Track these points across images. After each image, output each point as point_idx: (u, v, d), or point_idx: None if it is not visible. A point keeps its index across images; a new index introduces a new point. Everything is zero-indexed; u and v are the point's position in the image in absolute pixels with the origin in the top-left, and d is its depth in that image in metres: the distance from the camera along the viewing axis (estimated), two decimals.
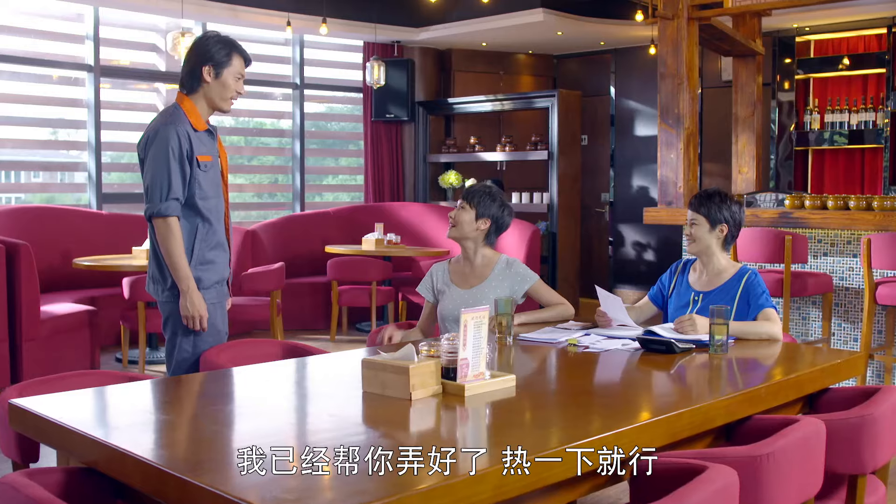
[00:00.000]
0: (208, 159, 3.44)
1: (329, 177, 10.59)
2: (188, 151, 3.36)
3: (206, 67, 3.42)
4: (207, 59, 3.43)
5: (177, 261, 3.35)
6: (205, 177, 3.42)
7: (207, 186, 3.44)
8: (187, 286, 3.35)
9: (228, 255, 3.58)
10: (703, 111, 9.43)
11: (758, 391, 2.58)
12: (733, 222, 3.56)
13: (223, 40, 3.48)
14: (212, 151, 3.48)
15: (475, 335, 2.49)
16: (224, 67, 3.43)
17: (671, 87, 6.26)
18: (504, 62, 10.55)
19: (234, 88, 3.46)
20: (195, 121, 3.43)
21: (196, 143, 3.40)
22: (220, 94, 3.45)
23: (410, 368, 2.39)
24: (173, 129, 3.35)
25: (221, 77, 3.43)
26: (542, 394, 2.61)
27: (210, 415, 2.37)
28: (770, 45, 8.72)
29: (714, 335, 3.05)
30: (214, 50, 3.43)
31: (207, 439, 2.14)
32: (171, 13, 7.96)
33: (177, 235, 3.34)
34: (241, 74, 3.49)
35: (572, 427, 2.27)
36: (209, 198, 3.45)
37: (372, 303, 7.88)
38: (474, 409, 2.40)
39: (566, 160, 9.12)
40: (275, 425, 2.26)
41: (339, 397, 2.53)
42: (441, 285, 3.80)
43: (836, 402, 2.94)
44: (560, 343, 3.25)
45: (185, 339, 3.44)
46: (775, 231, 5.53)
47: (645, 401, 2.51)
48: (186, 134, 3.36)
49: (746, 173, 7.66)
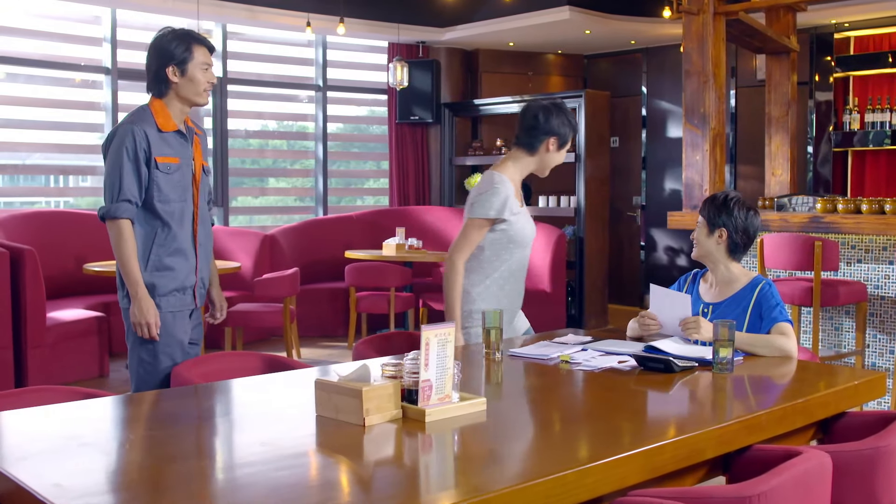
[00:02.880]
0: (173, 161, 3.29)
1: (353, 180, 10.40)
2: (146, 152, 3.21)
3: (169, 68, 3.28)
4: (168, 58, 3.28)
5: (126, 264, 3.20)
6: (166, 179, 3.27)
7: (169, 189, 3.28)
8: (136, 291, 3.20)
9: (193, 263, 3.39)
10: (738, 111, 9.09)
11: (757, 419, 2.31)
12: (733, 228, 3.27)
13: (179, 35, 3.33)
14: (180, 154, 3.32)
15: (439, 354, 2.25)
16: (188, 63, 3.28)
17: (696, 86, 5.96)
18: (532, 62, 10.28)
19: (204, 80, 3.31)
20: (163, 121, 3.28)
21: (157, 144, 3.25)
22: (192, 89, 3.30)
23: (364, 391, 2.17)
24: (131, 128, 3.21)
25: (188, 73, 3.28)
26: (515, 420, 2.36)
27: (137, 441, 2.16)
28: (807, 42, 8.35)
29: (718, 352, 2.78)
30: (173, 47, 3.28)
31: (114, 471, 1.93)
32: (187, 14, 7.83)
33: (127, 238, 3.20)
34: (207, 64, 3.33)
35: (535, 461, 2.03)
36: (171, 201, 3.29)
37: (390, 309, 7.67)
38: (435, 436, 2.16)
39: (594, 162, 8.83)
40: (191, 460, 2.04)
41: (290, 421, 2.31)
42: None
43: (852, 428, 2.66)
44: (552, 360, 3.00)
45: (144, 350, 3.28)
46: (804, 237, 5.21)
47: (628, 429, 2.25)
48: (145, 134, 3.22)
49: (780, 176, 7.32)
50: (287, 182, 9.81)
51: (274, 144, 9.64)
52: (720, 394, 2.62)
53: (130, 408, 2.49)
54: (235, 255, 7.88)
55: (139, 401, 2.55)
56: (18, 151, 7.83)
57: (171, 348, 3.29)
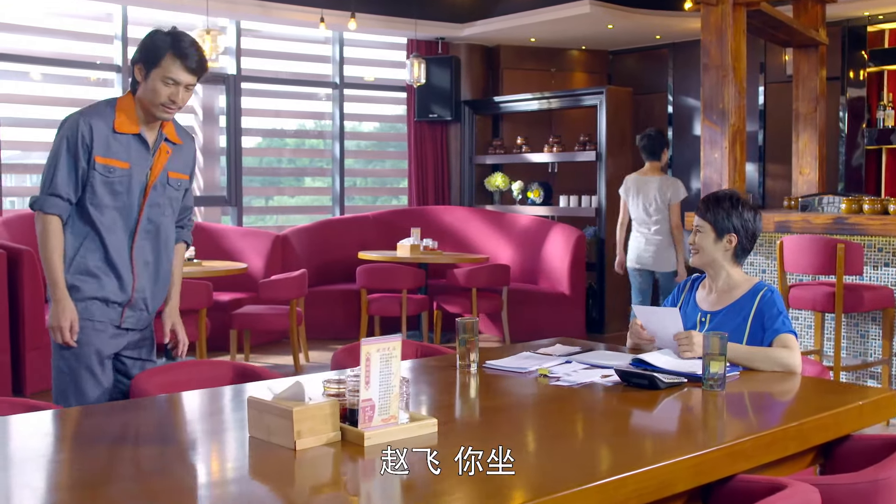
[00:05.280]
0: (120, 165, 2.98)
1: (371, 179, 10.22)
2: (87, 148, 2.93)
3: (137, 65, 2.99)
4: (139, 55, 2.99)
5: (46, 262, 2.94)
6: (104, 183, 2.97)
7: (105, 194, 2.98)
8: (53, 292, 2.93)
9: (128, 280, 3.03)
10: (767, 108, 8.75)
11: (741, 446, 2.06)
12: (745, 232, 3.01)
13: (166, 36, 2.97)
14: (132, 159, 3.00)
15: (382, 371, 2.03)
16: (152, 68, 2.94)
17: (715, 80, 5.67)
18: (556, 59, 10.01)
19: (164, 95, 2.94)
20: (122, 121, 2.99)
21: (103, 143, 2.95)
22: (150, 98, 2.96)
23: (295, 412, 1.95)
24: (80, 120, 2.95)
25: (150, 79, 2.95)
26: (468, 444, 2.12)
27: (42, 463, 1.96)
28: (838, 35, 8.00)
29: (708, 367, 2.52)
30: (151, 45, 2.96)
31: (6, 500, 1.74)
32: (196, 10, 7.68)
33: (50, 235, 2.93)
34: (173, 80, 2.93)
35: (477, 494, 1.79)
36: (104, 207, 2.98)
37: (402, 312, 7.46)
38: (374, 462, 1.94)
39: (616, 161, 8.55)
40: (98, 487, 1.84)
41: (220, 443, 2.10)
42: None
43: (855, 454, 2.40)
44: (530, 373, 2.76)
45: (61, 358, 2.99)
46: (825, 238, 4.91)
47: (591, 457, 2.00)
48: (90, 129, 2.93)
49: (808, 174, 7.02)
50: (303, 181, 9.65)
51: (290, 143, 9.47)
52: (706, 415, 2.37)
53: (51, 425, 2.29)
54: (246, 256, 7.72)
55: (64, 417, 2.35)
56: (27, 150, 7.74)
57: (87, 359, 2.98)
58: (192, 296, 5.91)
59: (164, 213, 3.12)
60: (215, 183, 8.60)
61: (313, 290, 7.99)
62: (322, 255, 8.41)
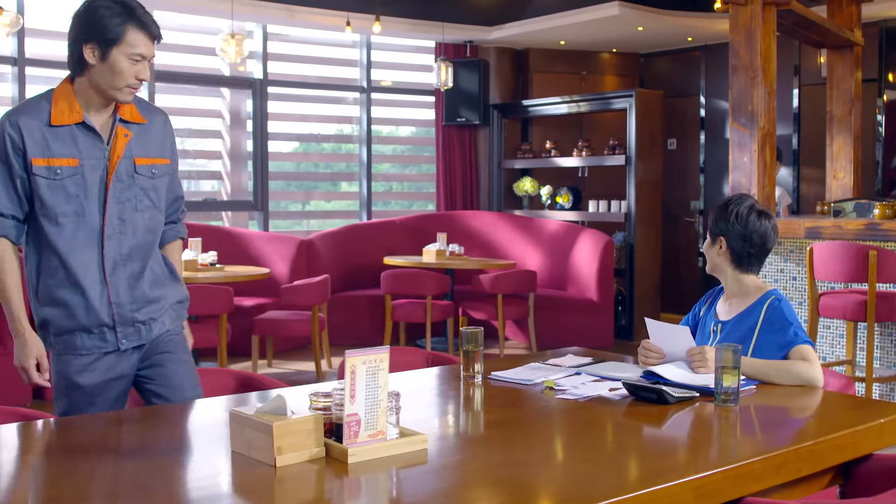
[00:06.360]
0: (66, 163, 2.53)
1: (398, 184, 10.15)
2: (19, 151, 2.51)
3: (88, 45, 2.50)
4: (91, 32, 2.50)
5: (2, 294, 2.55)
6: (52, 187, 2.53)
7: (55, 201, 2.53)
8: (13, 328, 2.55)
9: (101, 295, 2.59)
10: (801, 111, 8.54)
11: (750, 467, 1.94)
12: (732, 235, 2.87)
13: (116, 5, 2.52)
14: (80, 153, 2.55)
15: (369, 384, 1.94)
16: (113, 45, 2.49)
17: (744, 82, 5.53)
18: (586, 62, 9.88)
19: (129, 74, 2.52)
20: (60, 111, 2.53)
21: (38, 143, 2.51)
22: (110, 81, 2.52)
23: (275, 426, 1.87)
24: (5, 121, 2.53)
25: (109, 58, 2.50)
26: (459, 462, 2.02)
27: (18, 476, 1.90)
28: (875, 36, 7.79)
29: (721, 381, 2.40)
30: (102, 19, 2.49)
31: None
32: (222, 14, 7.66)
33: (4, 261, 2.54)
34: (140, 55, 2.53)
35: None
36: (60, 217, 2.54)
37: (427, 318, 7.37)
38: (357, 480, 1.85)
39: (645, 165, 8.40)
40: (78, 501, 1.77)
41: (203, 457, 2.02)
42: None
43: (877, 475, 2.26)
44: (536, 385, 2.66)
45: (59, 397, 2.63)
46: (857, 245, 4.74)
47: (586, 480, 1.88)
48: (18, 128, 2.50)
49: (842, 179, 6.82)
50: (330, 186, 9.60)
51: (316, 148, 9.42)
52: (715, 432, 2.25)
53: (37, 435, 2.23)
54: (272, 261, 7.68)
55: (50, 428, 2.29)
56: None
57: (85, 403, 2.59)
58: (213, 301, 5.88)
59: (137, 209, 2.65)
60: (242, 188, 8.57)
61: (338, 295, 7.94)
62: (348, 261, 8.36)
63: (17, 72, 7.18)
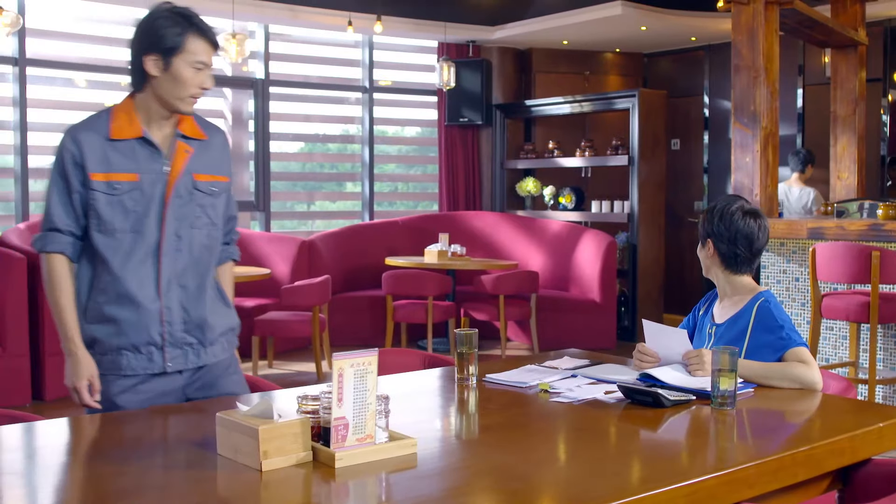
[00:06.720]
0: (126, 179, 2.52)
1: (401, 184, 10.12)
2: (78, 166, 2.51)
3: (150, 56, 2.50)
4: (151, 44, 2.49)
5: (55, 311, 2.53)
6: (108, 203, 2.51)
7: (114, 216, 2.51)
8: (66, 347, 2.52)
9: (153, 318, 2.54)
10: (806, 111, 8.50)
11: (744, 472, 1.90)
12: (719, 237, 2.83)
13: (176, 14, 2.52)
14: (141, 168, 2.54)
15: (357, 387, 1.91)
16: (175, 54, 2.49)
17: (746, 81, 5.48)
18: (589, 62, 9.84)
19: (193, 84, 2.52)
20: (120, 126, 2.54)
21: (98, 157, 2.51)
22: (174, 91, 2.52)
23: (261, 430, 1.84)
24: (66, 136, 2.54)
25: (173, 68, 2.50)
26: (447, 467, 1.98)
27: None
28: (880, 35, 7.74)
29: (717, 384, 2.37)
30: (162, 29, 2.49)
31: None
32: (223, 14, 7.64)
33: (55, 277, 2.53)
34: (202, 63, 2.53)
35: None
36: (117, 233, 2.52)
37: (428, 319, 7.34)
38: (344, 485, 1.82)
39: (648, 166, 8.36)
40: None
41: (189, 461, 1.99)
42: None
43: (877, 480, 2.23)
44: (530, 388, 2.62)
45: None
46: (860, 246, 4.70)
47: (576, 486, 1.85)
48: (78, 143, 2.50)
49: (846, 179, 6.78)
50: (335, 187, 9.58)
51: (322, 148, 9.40)
52: (709, 437, 2.21)
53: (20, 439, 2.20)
54: (273, 262, 7.65)
55: (34, 431, 2.26)
56: None
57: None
58: None
59: (195, 226, 2.62)
60: (244, 188, 8.55)
61: (340, 296, 7.91)
62: (349, 261, 8.33)
63: (18, 72, 7.17)
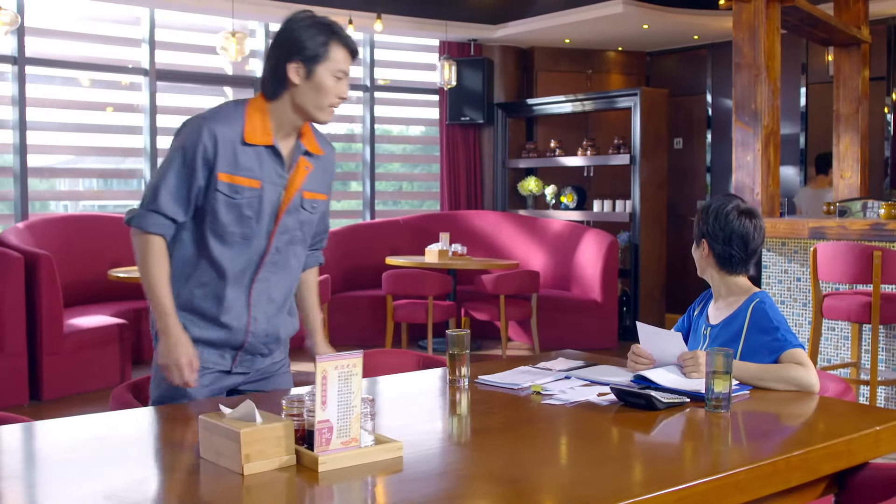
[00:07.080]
0: (249, 184, 2.47)
1: (402, 184, 10.09)
2: (208, 162, 2.44)
3: (292, 64, 2.44)
4: (295, 50, 2.44)
5: (152, 288, 2.46)
6: (229, 206, 2.47)
7: (230, 220, 2.48)
8: (164, 324, 2.46)
9: (241, 323, 2.54)
10: (809, 110, 8.45)
11: (735, 477, 1.87)
12: (713, 237, 2.79)
13: (318, 23, 2.46)
14: (265, 177, 2.49)
15: (341, 390, 1.88)
16: (318, 62, 2.44)
17: (747, 80, 5.44)
18: (591, 60, 9.80)
19: (333, 93, 2.47)
20: (254, 129, 2.47)
21: (229, 157, 2.45)
22: (314, 100, 2.46)
23: (242, 433, 1.80)
24: (203, 126, 2.44)
25: (315, 76, 2.44)
26: (435, 470, 1.94)
27: None
28: (883, 33, 7.69)
29: (712, 386, 2.33)
30: (305, 37, 2.43)
31: None
32: (222, 13, 7.62)
33: (153, 256, 2.47)
34: (343, 72, 2.48)
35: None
36: (228, 236, 2.49)
37: (428, 319, 7.31)
38: (328, 489, 1.79)
39: (650, 165, 8.31)
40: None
41: (171, 464, 1.96)
42: None
43: (873, 484, 2.19)
44: (522, 389, 2.59)
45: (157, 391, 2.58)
46: (861, 245, 4.66)
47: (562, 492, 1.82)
48: (215, 138, 2.43)
49: (850, 178, 6.73)
50: (339, 186, 9.55)
51: None
52: (702, 440, 2.17)
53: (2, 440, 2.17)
54: None
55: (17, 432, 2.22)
56: (56, 154, 7.74)
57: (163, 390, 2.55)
58: None
59: (292, 241, 2.60)
60: None
61: (341, 295, 7.89)
62: (350, 261, 8.30)
63: (17, 71, 7.15)
